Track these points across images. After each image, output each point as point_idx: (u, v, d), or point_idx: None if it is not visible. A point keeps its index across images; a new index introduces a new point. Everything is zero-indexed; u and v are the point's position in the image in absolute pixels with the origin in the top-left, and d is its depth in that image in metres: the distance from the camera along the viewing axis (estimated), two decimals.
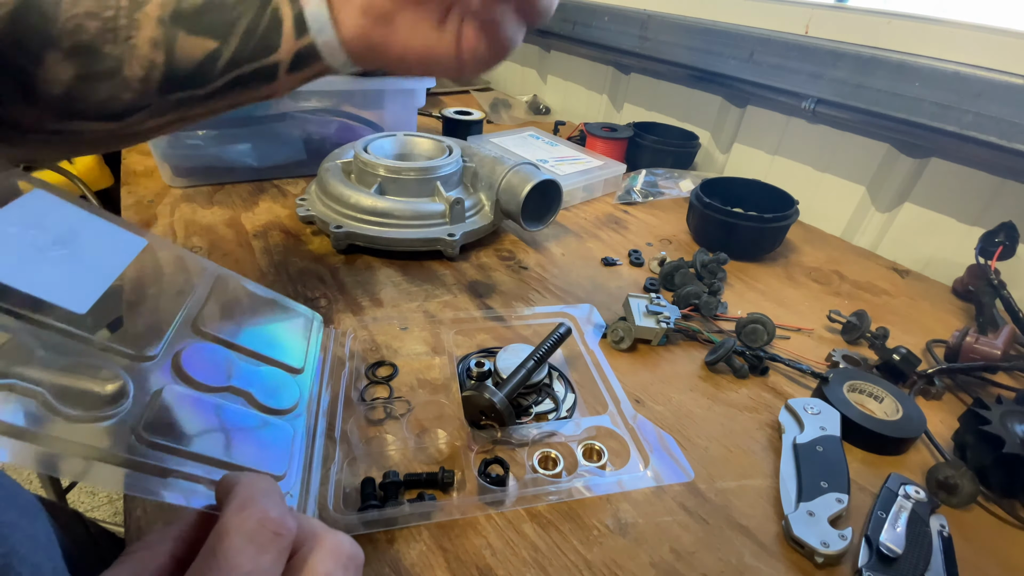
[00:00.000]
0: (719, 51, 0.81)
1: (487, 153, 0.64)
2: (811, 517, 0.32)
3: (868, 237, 0.74)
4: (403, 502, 0.32)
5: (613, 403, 0.40)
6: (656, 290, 0.56)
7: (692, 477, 0.35)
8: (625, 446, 0.37)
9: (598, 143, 0.87)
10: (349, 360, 0.42)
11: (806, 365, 0.46)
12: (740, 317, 0.49)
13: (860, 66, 0.65)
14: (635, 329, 0.47)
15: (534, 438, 0.37)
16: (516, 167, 0.60)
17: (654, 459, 0.36)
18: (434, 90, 1.21)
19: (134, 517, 0.30)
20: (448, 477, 0.33)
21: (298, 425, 0.33)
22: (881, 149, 0.71)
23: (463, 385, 0.40)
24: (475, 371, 0.41)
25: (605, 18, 0.98)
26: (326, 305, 0.49)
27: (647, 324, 0.47)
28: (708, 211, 0.63)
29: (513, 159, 0.62)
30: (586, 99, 1.17)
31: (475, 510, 0.32)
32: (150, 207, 0.63)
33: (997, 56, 0.56)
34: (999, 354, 0.47)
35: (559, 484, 0.34)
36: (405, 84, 0.72)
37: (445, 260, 0.58)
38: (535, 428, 0.38)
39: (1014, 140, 0.54)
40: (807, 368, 0.45)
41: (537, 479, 0.34)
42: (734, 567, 0.31)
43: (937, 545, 0.32)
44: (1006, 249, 0.54)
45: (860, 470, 0.38)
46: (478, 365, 0.41)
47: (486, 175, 0.62)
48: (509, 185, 0.59)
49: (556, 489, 0.34)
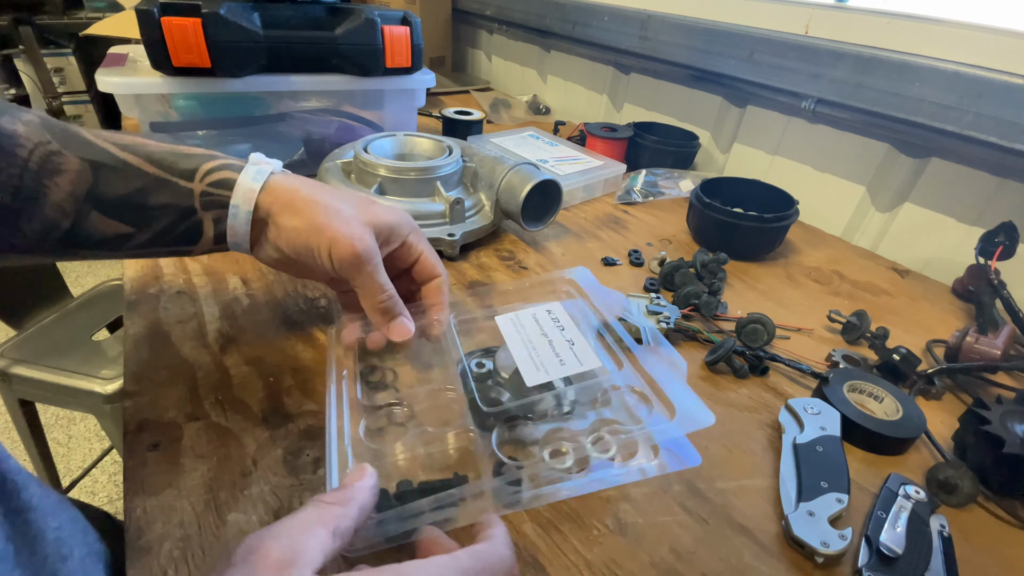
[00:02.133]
0: (719, 51, 0.81)
1: (487, 153, 0.64)
2: (811, 517, 0.32)
3: (868, 237, 0.74)
4: (424, 510, 0.30)
5: (617, 398, 0.39)
6: (656, 290, 0.56)
7: (700, 462, 0.34)
8: (633, 439, 0.36)
9: (598, 143, 0.87)
10: (356, 362, 0.41)
11: (806, 365, 0.46)
12: (740, 317, 0.49)
13: (860, 66, 0.65)
14: (635, 329, 0.47)
15: (543, 436, 0.36)
16: (516, 167, 0.60)
17: (662, 451, 0.35)
18: (434, 90, 1.22)
19: (134, 517, 0.30)
20: (462, 483, 0.32)
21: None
22: (881, 149, 0.71)
23: (465, 385, 0.40)
24: (475, 372, 0.41)
25: (605, 18, 0.98)
26: (326, 305, 0.49)
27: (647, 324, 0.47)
28: (708, 211, 0.63)
29: (513, 159, 0.62)
30: (586, 99, 1.17)
31: (494, 512, 0.31)
32: None
33: (997, 56, 0.56)
34: (999, 354, 0.47)
35: (574, 479, 0.33)
36: (405, 84, 0.72)
37: (445, 260, 0.58)
38: (544, 426, 0.37)
39: (1014, 140, 0.54)
40: (807, 368, 0.45)
41: (551, 476, 0.33)
42: (734, 567, 0.31)
43: (937, 545, 0.32)
44: (1006, 249, 0.54)
45: (860, 470, 0.38)
46: (479, 366, 0.41)
47: (486, 175, 0.62)
48: (509, 185, 0.59)
49: (572, 484, 0.32)
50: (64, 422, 1.49)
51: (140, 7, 0.55)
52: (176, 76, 0.60)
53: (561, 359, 0.38)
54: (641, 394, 0.37)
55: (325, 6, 0.66)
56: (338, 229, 0.34)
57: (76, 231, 0.32)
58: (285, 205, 0.35)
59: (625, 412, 0.38)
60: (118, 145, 0.34)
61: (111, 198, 0.33)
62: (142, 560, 0.28)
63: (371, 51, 0.66)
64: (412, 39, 0.69)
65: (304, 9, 0.64)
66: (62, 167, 0.32)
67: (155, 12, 0.54)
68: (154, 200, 0.33)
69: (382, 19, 0.66)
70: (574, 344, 0.39)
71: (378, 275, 0.36)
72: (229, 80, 0.61)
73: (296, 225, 0.35)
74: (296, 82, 0.66)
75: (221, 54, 0.59)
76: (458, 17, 1.42)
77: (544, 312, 0.42)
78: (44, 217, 0.32)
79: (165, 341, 0.43)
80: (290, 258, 0.36)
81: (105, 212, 0.33)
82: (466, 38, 1.53)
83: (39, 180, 0.31)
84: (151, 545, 0.29)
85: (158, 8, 0.55)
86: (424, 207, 0.58)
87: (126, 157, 0.33)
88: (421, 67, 0.73)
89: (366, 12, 0.65)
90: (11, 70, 2.04)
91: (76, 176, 0.32)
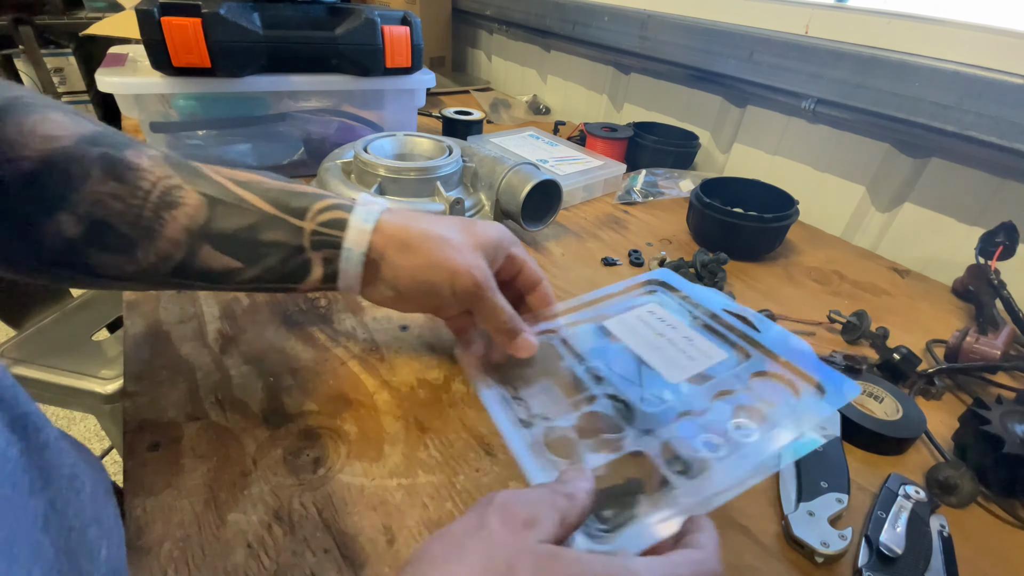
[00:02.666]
0: (719, 51, 0.81)
1: (487, 153, 0.64)
2: (811, 517, 0.32)
3: (868, 237, 0.74)
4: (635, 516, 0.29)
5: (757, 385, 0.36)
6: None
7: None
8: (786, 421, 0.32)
9: (598, 143, 0.87)
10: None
11: None
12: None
13: (860, 66, 0.65)
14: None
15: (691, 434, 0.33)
16: (516, 167, 0.60)
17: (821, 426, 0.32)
18: (434, 90, 1.22)
19: (134, 517, 0.30)
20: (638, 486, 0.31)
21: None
22: (881, 149, 0.71)
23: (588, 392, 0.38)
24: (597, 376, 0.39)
25: (605, 18, 0.98)
26: (326, 305, 0.49)
27: None
28: (708, 211, 0.63)
29: (513, 159, 0.62)
30: (586, 99, 1.17)
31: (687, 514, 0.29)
32: None
33: (997, 56, 0.56)
34: (999, 354, 0.47)
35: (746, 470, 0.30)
36: (405, 84, 0.72)
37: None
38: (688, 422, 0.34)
39: (1014, 140, 0.54)
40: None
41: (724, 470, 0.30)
42: (734, 567, 0.31)
43: (937, 545, 0.32)
44: (1006, 249, 0.54)
45: (860, 470, 0.38)
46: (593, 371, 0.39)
47: (486, 175, 0.62)
48: (509, 185, 0.59)
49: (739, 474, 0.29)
50: (64, 422, 1.49)
51: (140, 7, 0.55)
52: (176, 76, 0.60)
53: (688, 355, 0.38)
54: (779, 376, 0.36)
55: (325, 6, 0.66)
56: (456, 262, 0.35)
57: (187, 263, 0.33)
58: (400, 244, 0.35)
59: (768, 397, 0.35)
60: (235, 181, 0.34)
61: (224, 233, 0.33)
62: (142, 560, 0.28)
63: (371, 51, 0.67)
64: (412, 39, 0.69)
65: (304, 9, 0.64)
66: (181, 201, 0.32)
67: (155, 12, 0.54)
68: (265, 237, 0.34)
69: (382, 19, 0.66)
70: (692, 340, 0.39)
71: (498, 298, 0.37)
72: (229, 80, 0.61)
73: (414, 263, 0.35)
74: (296, 82, 0.66)
75: (221, 54, 0.59)
76: (458, 17, 1.42)
77: (646, 312, 0.42)
78: (159, 249, 0.32)
79: (165, 341, 0.43)
80: (404, 295, 0.36)
81: (217, 247, 0.33)
82: (466, 38, 1.53)
83: (158, 212, 0.32)
84: (151, 545, 0.29)
85: (158, 8, 0.55)
86: (424, 207, 0.58)
87: (242, 193, 0.34)
88: (421, 67, 0.73)
89: (366, 12, 0.65)
90: (11, 70, 2.03)
91: (194, 211, 0.32)
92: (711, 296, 0.43)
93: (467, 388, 0.41)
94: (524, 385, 0.39)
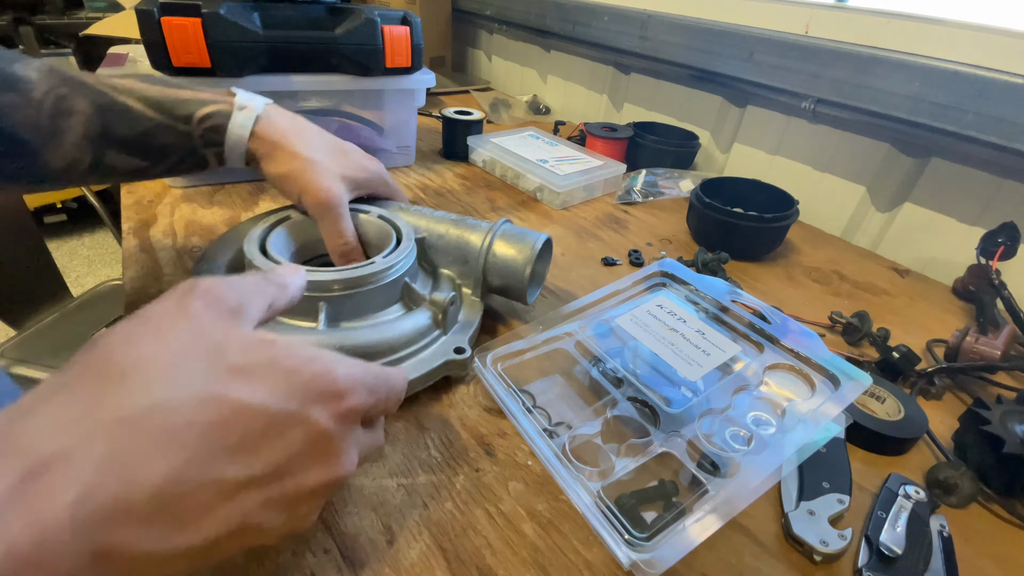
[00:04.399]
0: (719, 51, 0.81)
1: (431, 215, 0.48)
2: (811, 516, 0.32)
3: (868, 237, 0.74)
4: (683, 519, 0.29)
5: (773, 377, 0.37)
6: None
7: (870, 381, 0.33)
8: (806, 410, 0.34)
9: (598, 143, 0.87)
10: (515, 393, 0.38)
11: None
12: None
13: (860, 66, 0.65)
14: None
15: (715, 431, 0.35)
16: (495, 230, 0.45)
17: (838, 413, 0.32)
18: (434, 90, 1.22)
19: None
20: (673, 489, 0.32)
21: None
22: (881, 149, 0.71)
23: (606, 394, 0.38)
24: (615, 377, 0.39)
25: (605, 18, 0.98)
26: None
27: None
28: (708, 211, 0.63)
29: (471, 219, 0.48)
30: (586, 99, 1.17)
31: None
32: (150, 207, 0.62)
33: (997, 56, 0.56)
34: (999, 354, 0.47)
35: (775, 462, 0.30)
36: (405, 84, 0.72)
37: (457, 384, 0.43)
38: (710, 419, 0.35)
39: (1014, 140, 0.54)
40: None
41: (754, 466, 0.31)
42: (734, 567, 0.31)
43: (937, 545, 0.32)
44: (1007, 249, 0.54)
45: (860, 470, 0.38)
46: (612, 373, 0.39)
47: (448, 247, 0.46)
48: (499, 258, 0.44)
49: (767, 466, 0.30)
50: None
51: (140, 7, 0.55)
52: (176, 76, 0.60)
53: (703, 350, 0.38)
54: (792, 368, 0.36)
55: (325, 6, 0.66)
56: (311, 183, 0.41)
57: (98, 165, 0.37)
58: (266, 155, 0.42)
59: (785, 390, 0.36)
60: (116, 89, 0.38)
61: (124, 139, 0.38)
62: None
63: (371, 51, 0.66)
64: (412, 39, 0.69)
65: (304, 9, 0.64)
66: (72, 109, 0.36)
67: (155, 12, 0.54)
68: (160, 141, 0.39)
69: (382, 19, 0.66)
70: (704, 334, 0.39)
71: (341, 222, 0.41)
72: (229, 80, 0.61)
73: (275, 172, 0.42)
74: (296, 82, 0.66)
75: (221, 54, 0.59)
76: (458, 17, 1.42)
77: (656, 307, 0.42)
78: (66, 154, 0.36)
79: None
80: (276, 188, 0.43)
81: (120, 150, 0.38)
82: (466, 38, 1.53)
83: (55, 121, 0.35)
84: None
85: (158, 8, 0.55)
86: (412, 323, 0.40)
87: (125, 100, 0.38)
88: (421, 67, 0.73)
89: (366, 12, 0.65)
90: None
91: (87, 118, 0.36)
92: (717, 285, 0.43)
93: (467, 388, 0.41)
94: (540, 393, 0.39)
